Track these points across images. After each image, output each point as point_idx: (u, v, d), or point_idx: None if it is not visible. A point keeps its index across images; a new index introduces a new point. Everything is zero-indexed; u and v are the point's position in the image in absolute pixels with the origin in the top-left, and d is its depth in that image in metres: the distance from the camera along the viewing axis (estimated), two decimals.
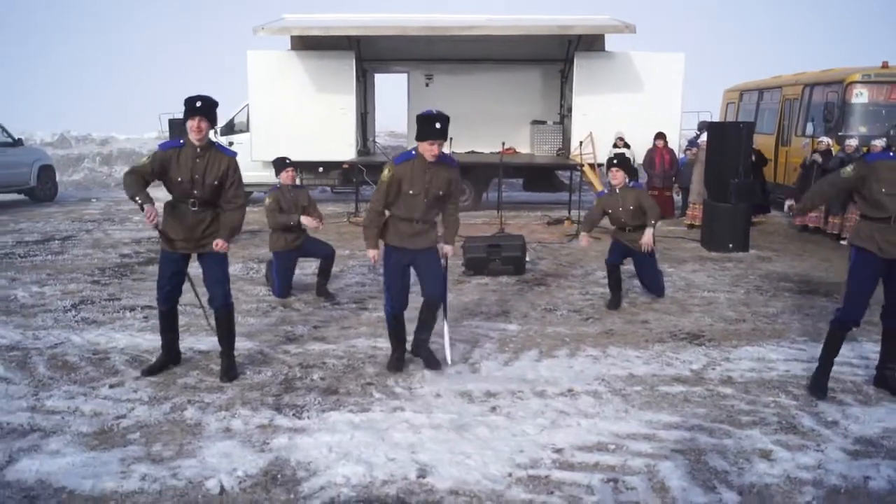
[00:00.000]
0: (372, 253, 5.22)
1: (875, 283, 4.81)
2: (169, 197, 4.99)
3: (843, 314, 4.84)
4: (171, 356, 5.30)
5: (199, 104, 4.72)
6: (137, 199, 4.68)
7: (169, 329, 5.24)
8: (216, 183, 4.84)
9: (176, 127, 10.01)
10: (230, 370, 5.11)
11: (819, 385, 4.92)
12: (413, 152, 5.08)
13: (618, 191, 7.15)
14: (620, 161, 7.35)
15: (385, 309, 5.39)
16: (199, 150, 4.81)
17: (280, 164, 7.44)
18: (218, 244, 4.85)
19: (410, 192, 5.00)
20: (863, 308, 4.81)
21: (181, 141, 4.88)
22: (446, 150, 5.33)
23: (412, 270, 5.29)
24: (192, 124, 4.73)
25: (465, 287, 7.79)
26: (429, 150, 4.91)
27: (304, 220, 7.22)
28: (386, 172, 5.04)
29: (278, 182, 7.43)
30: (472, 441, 4.16)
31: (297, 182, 7.72)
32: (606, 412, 4.58)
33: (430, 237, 5.21)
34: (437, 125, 4.84)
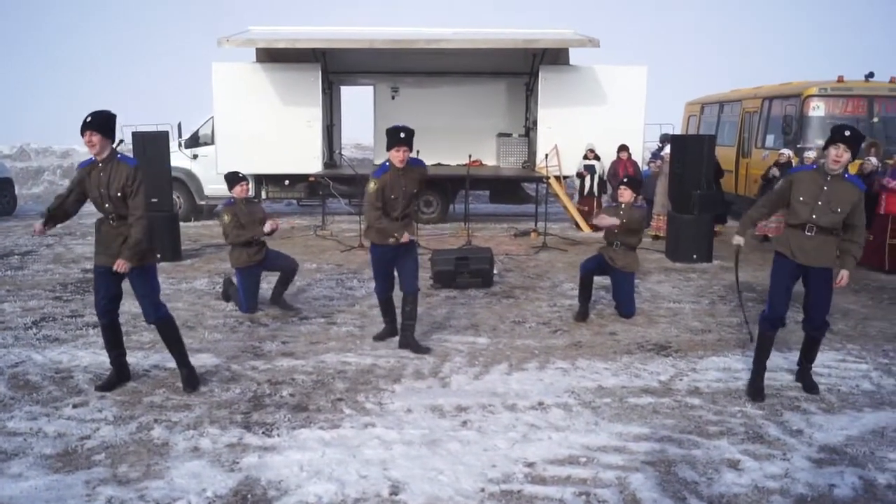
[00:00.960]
0: (401, 236, 5.86)
1: (791, 283, 5.12)
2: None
3: (767, 313, 5.18)
4: (121, 372, 5.25)
5: (88, 119, 4.77)
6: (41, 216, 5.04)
7: (113, 344, 5.19)
8: (119, 194, 4.83)
9: (139, 139, 9.87)
10: (190, 378, 5.15)
11: (756, 388, 5.15)
12: (386, 164, 5.84)
13: (623, 206, 7.18)
14: (630, 181, 7.33)
15: (376, 293, 6.34)
16: (100, 164, 4.86)
17: (233, 178, 7.34)
18: (118, 265, 4.78)
19: (392, 196, 5.82)
20: (783, 306, 5.14)
21: (94, 158, 4.92)
22: None
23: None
24: (84, 138, 4.80)
25: (434, 300, 7.78)
26: (396, 155, 5.73)
27: (266, 226, 7.15)
28: (372, 185, 5.82)
29: (231, 197, 7.36)
30: (443, 456, 4.15)
31: (251, 195, 7.64)
32: (577, 425, 4.61)
33: (409, 231, 5.96)
34: (402, 134, 5.69)
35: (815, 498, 3.76)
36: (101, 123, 4.79)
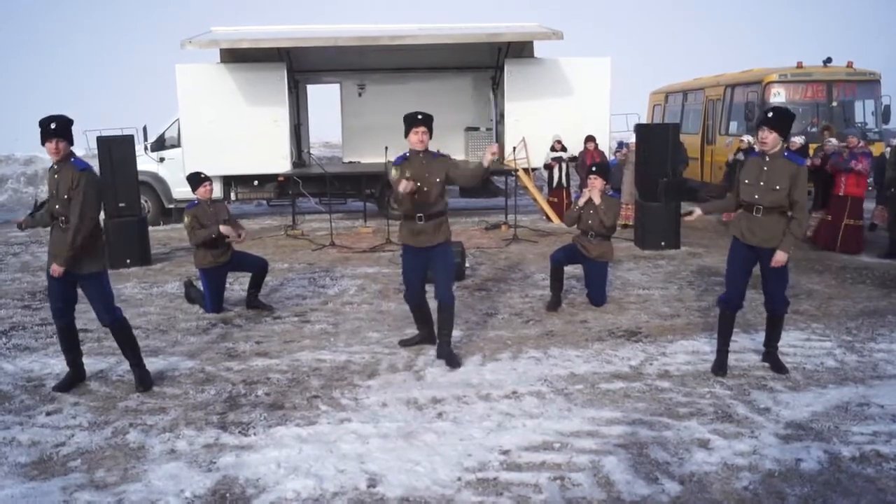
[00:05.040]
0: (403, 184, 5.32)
1: (747, 266, 5.27)
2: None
3: (724, 296, 5.40)
4: (77, 373, 5.29)
5: (53, 127, 4.83)
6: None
7: (69, 347, 5.24)
8: (66, 197, 4.90)
9: (104, 144, 9.77)
10: (143, 379, 5.22)
11: (719, 364, 5.37)
12: (405, 153, 5.55)
13: (602, 203, 7.09)
14: (598, 168, 7.28)
15: (406, 299, 5.99)
16: (55, 166, 4.97)
17: (196, 180, 7.30)
18: (52, 269, 4.91)
19: (419, 184, 5.38)
20: (738, 289, 5.30)
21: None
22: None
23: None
24: (49, 146, 4.86)
25: None
26: (414, 138, 5.40)
27: (223, 228, 7.06)
28: (394, 172, 5.49)
29: (196, 198, 7.32)
30: (420, 448, 4.20)
31: (218, 197, 7.60)
32: (550, 412, 4.68)
33: (437, 235, 5.58)
34: (419, 116, 5.41)
35: (783, 473, 3.87)
36: (65, 130, 4.89)
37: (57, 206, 4.91)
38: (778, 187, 5.00)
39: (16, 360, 5.88)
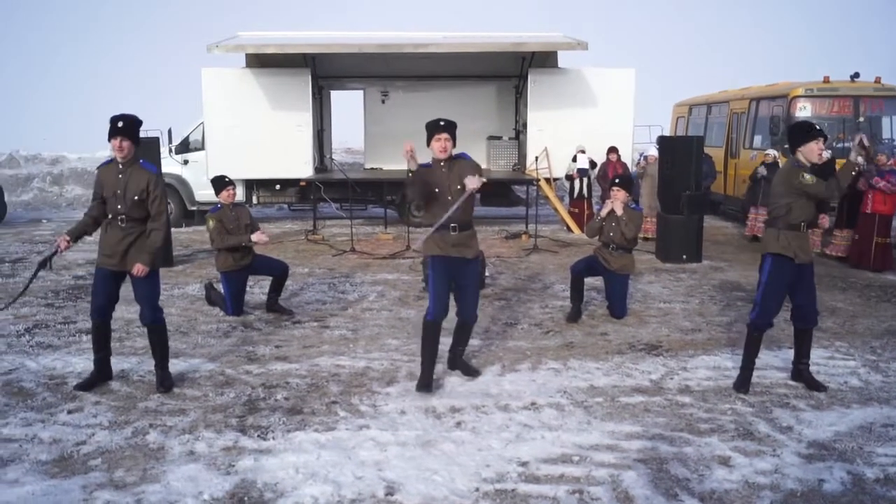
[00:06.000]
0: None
1: (787, 286, 5.15)
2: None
3: (759, 318, 5.20)
4: (103, 372, 5.36)
5: (120, 125, 4.94)
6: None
7: (102, 345, 5.31)
8: (136, 198, 5.01)
9: None
10: (164, 380, 5.27)
11: (743, 381, 5.26)
12: (429, 162, 5.30)
13: (623, 214, 7.07)
14: (621, 180, 7.24)
15: (427, 317, 5.30)
16: (121, 166, 5.02)
17: (220, 183, 7.34)
18: (137, 269, 5.00)
19: (437, 191, 5.22)
20: (777, 311, 5.19)
21: (111, 158, 5.10)
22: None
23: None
24: (114, 143, 4.95)
25: (425, 303, 7.80)
26: (436, 145, 5.19)
27: (255, 236, 7.16)
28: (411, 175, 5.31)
29: (219, 202, 7.36)
30: (438, 457, 4.19)
31: (241, 200, 7.66)
32: (569, 424, 4.65)
33: (471, 247, 5.33)
34: (441, 122, 5.20)
35: (805, 493, 3.82)
36: (131, 130, 5.00)
37: (119, 206, 5.00)
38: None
39: (38, 358, 5.94)
